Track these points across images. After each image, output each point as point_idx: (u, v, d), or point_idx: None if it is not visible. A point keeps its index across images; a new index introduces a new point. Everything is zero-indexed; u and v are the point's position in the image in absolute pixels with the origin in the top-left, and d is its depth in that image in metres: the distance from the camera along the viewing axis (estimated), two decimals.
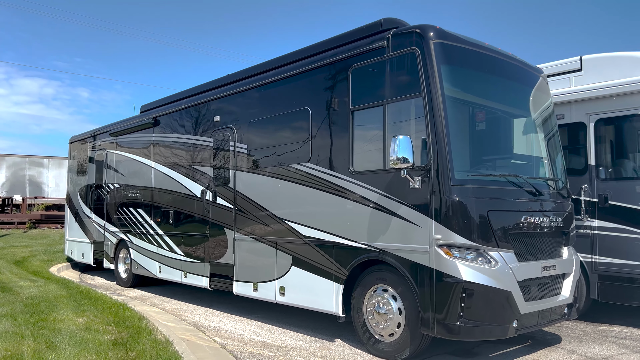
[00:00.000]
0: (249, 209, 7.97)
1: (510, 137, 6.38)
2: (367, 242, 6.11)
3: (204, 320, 8.02)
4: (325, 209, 6.70)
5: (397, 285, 5.87)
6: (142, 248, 10.82)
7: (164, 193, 10.17)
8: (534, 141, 6.49)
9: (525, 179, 6.01)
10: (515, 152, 6.51)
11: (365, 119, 6.34)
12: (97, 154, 13.02)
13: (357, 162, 6.34)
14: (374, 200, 6.05)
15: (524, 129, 6.42)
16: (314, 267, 6.83)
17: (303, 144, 7.10)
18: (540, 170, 6.38)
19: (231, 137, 8.45)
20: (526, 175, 6.09)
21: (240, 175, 8.19)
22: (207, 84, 9.50)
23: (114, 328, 6.45)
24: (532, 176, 6.26)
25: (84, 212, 13.53)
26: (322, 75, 6.88)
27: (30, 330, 6.06)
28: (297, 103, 7.23)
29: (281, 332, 7.25)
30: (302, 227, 7.02)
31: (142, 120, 11.05)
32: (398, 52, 5.90)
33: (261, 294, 7.69)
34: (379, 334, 6.04)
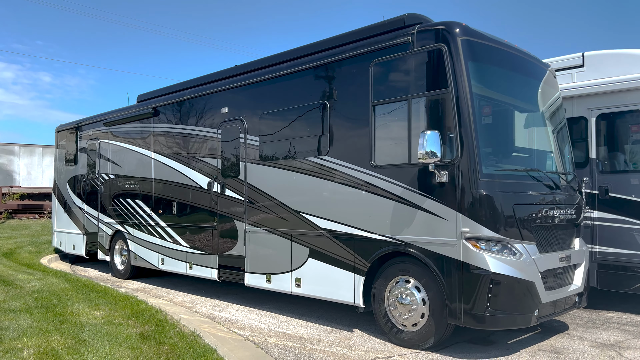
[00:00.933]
0: (261, 201, 7.99)
1: (527, 131, 6.58)
2: (390, 235, 6.24)
3: (216, 312, 8.04)
4: (344, 202, 6.79)
5: (420, 277, 6.02)
6: (142, 240, 10.72)
7: (166, 184, 10.08)
8: (548, 135, 6.70)
9: (545, 173, 6.23)
10: (532, 146, 6.72)
11: (387, 113, 6.44)
12: (89, 144, 12.76)
13: (379, 156, 6.44)
14: (398, 194, 6.17)
15: (538, 124, 6.61)
16: (332, 259, 6.93)
17: (320, 137, 7.15)
18: (554, 163, 6.61)
19: (241, 129, 8.43)
20: (543, 169, 6.31)
21: (251, 168, 8.19)
22: (213, 75, 9.42)
23: (135, 322, 6.43)
24: (547, 170, 6.48)
25: (75, 202, 13.28)
26: (341, 68, 6.93)
27: (52, 326, 5.99)
28: (314, 96, 7.26)
29: (297, 322, 7.35)
30: (320, 219, 7.10)
31: (141, 110, 10.88)
32: (424, 48, 6.00)
33: (275, 285, 7.76)
34: (401, 324, 6.19)
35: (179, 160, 9.76)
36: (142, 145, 10.81)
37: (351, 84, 6.80)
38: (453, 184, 5.66)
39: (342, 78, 6.91)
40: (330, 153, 6.99)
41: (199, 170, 9.27)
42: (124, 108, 11.75)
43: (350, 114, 6.79)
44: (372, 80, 6.52)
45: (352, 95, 6.78)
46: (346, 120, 6.85)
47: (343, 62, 6.90)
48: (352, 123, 6.77)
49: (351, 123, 6.78)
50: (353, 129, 6.75)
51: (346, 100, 6.85)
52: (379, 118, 6.48)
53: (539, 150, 6.68)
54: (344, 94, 6.87)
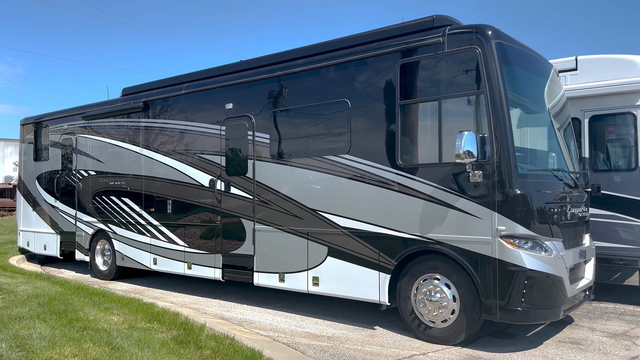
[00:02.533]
0: (273, 199, 7.89)
1: (546, 131, 6.82)
2: (420, 234, 6.33)
3: (226, 312, 7.88)
4: (368, 201, 6.82)
5: (451, 274, 6.15)
6: (130, 239, 10.31)
7: (159, 182, 9.74)
8: (560, 134, 6.98)
9: (566, 172, 6.52)
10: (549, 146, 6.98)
11: (415, 113, 6.51)
12: (63, 138, 12.11)
13: (407, 156, 6.50)
14: (428, 193, 6.27)
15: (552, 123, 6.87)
16: (354, 257, 6.94)
17: (340, 135, 7.13)
18: (567, 162, 6.90)
19: (249, 126, 8.27)
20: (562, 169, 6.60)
21: (261, 166, 8.06)
22: (213, 70, 9.16)
23: (159, 326, 6.20)
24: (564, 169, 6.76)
25: (46, 200, 12.58)
26: (365, 67, 6.93)
27: (77, 333, 5.68)
28: (333, 94, 7.23)
29: (315, 322, 7.32)
30: (340, 218, 7.10)
31: (128, 104, 10.44)
32: (456, 50, 6.10)
33: (289, 284, 7.69)
34: (430, 320, 6.31)
35: (175, 157, 9.44)
36: (130, 141, 10.38)
37: (375, 82, 6.82)
38: (488, 184, 5.81)
39: (366, 77, 6.92)
40: (352, 152, 6.99)
41: (198, 168, 9.02)
42: (107, 102, 11.23)
43: (374, 113, 6.82)
44: (399, 80, 6.57)
45: (376, 94, 6.81)
46: (369, 119, 6.87)
47: (367, 61, 6.91)
48: (376, 122, 6.79)
49: (375, 122, 6.81)
50: (377, 128, 6.78)
51: (369, 99, 6.87)
52: (406, 118, 6.54)
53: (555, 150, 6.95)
54: (367, 93, 6.89)
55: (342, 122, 7.12)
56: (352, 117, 7.01)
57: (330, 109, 7.26)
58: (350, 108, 7.02)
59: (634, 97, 8.34)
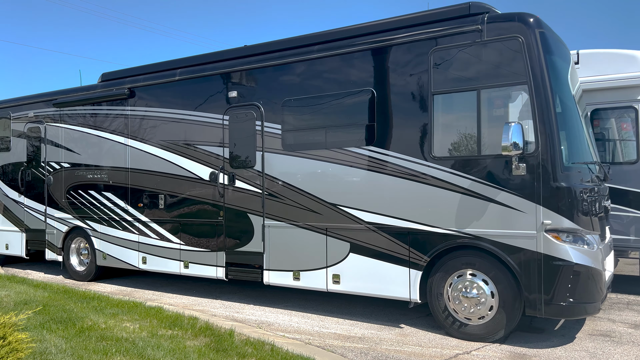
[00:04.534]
0: (285, 193, 7.46)
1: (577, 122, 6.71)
2: (457, 229, 6.11)
3: (237, 314, 7.39)
4: (396, 195, 6.54)
5: (489, 270, 5.98)
6: (113, 237, 9.55)
7: (148, 175, 9.05)
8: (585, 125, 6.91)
9: (600, 165, 6.50)
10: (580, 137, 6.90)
11: (450, 103, 6.28)
12: (29, 127, 11.07)
13: (441, 147, 6.26)
14: (465, 187, 6.06)
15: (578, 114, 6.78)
16: (380, 253, 6.66)
17: (365, 126, 6.80)
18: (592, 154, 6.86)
19: (256, 115, 7.77)
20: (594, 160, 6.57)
21: (272, 158, 7.60)
22: (212, 55, 8.56)
23: (183, 332, 5.67)
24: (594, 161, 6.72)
25: (8, 195, 11.49)
26: (393, 54, 6.62)
27: (97, 344, 5.07)
28: (357, 82, 6.88)
29: (336, 321, 6.98)
30: (364, 212, 6.78)
31: (111, 90, 9.63)
32: (496, 38, 5.90)
33: (305, 283, 7.30)
34: (465, 317, 6.12)
35: (167, 148, 8.79)
36: (113, 130, 9.59)
37: (405, 71, 6.53)
38: (532, 176, 5.67)
39: (394, 64, 6.61)
40: (378, 143, 6.68)
41: (196, 160, 8.42)
42: (82, 87, 10.33)
43: (403, 102, 6.53)
44: (432, 69, 6.31)
45: (405, 84, 6.52)
46: (398, 110, 6.57)
47: (396, 48, 6.60)
48: (406, 112, 6.51)
49: (404, 112, 6.53)
50: (406, 118, 6.50)
51: (398, 88, 6.57)
52: (440, 108, 6.30)
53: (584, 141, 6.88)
54: (396, 82, 6.59)
55: (367, 112, 6.79)
56: (378, 107, 6.69)
57: (353, 98, 6.91)
58: (376, 97, 6.70)
59: (636, 92, 8.52)
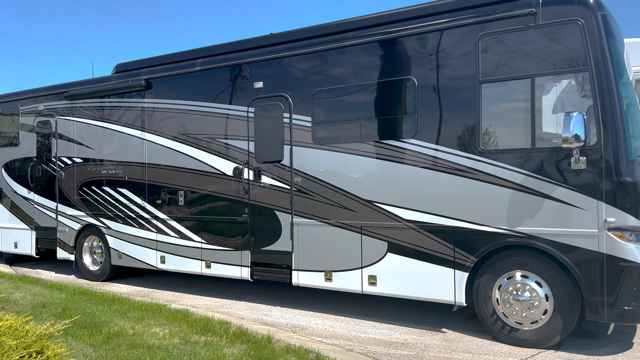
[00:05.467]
0: (316, 190, 7.05)
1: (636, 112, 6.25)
2: (508, 227, 5.70)
3: (265, 317, 6.98)
4: (440, 191, 6.13)
5: (543, 271, 5.58)
6: (129, 235, 9.14)
7: (167, 170, 8.63)
8: None
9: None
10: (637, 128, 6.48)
11: (500, 92, 5.86)
12: (39, 121, 10.65)
13: (489, 140, 5.85)
14: (517, 182, 5.65)
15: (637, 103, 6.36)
16: (422, 253, 6.25)
17: (405, 117, 6.39)
18: None
19: (284, 107, 7.35)
20: None
21: (300, 152, 7.18)
22: (235, 44, 8.13)
23: (218, 339, 5.26)
24: None
25: (17, 191, 11.07)
26: (437, 40, 6.20)
27: (129, 352, 4.66)
28: (396, 70, 6.46)
29: (372, 325, 6.58)
30: (403, 210, 6.37)
31: (125, 82, 9.20)
32: (553, 22, 5.48)
33: (338, 284, 6.90)
34: (516, 322, 5.72)
35: (187, 142, 8.37)
36: (128, 124, 9.17)
37: (450, 58, 6.11)
38: (593, 171, 5.26)
39: (438, 51, 6.19)
40: (419, 136, 6.27)
41: (219, 154, 8.00)
42: (96, 79, 9.91)
43: (448, 92, 6.11)
44: (479, 55, 5.89)
45: (450, 72, 6.10)
46: (442, 100, 6.15)
47: (440, 34, 6.17)
48: (450, 102, 6.09)
49: (449, 102, 6.11)
50: (451, 109, 6.08)
51: (442, 76, 6.15)
52: (488, 98, 5.88)
53: None
54: (440, 70, 6.17)
55: (407, 102, 6.37)
56: (420, 97, 6.28)
57: (391, 88, 6.49)
58: (418, 87, 6.28)
59: None
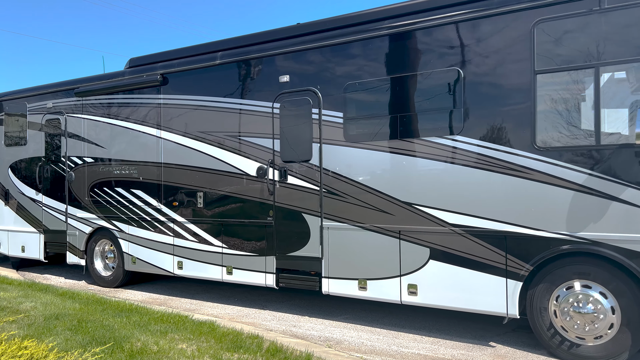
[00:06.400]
0: (348, 191, 6.53)
1: None
2: (568, 232, 5.17)
3: (295, 328, 6.47)
4: (489, 192, 5.61)
5: (608, 281, 5.05)
6: (144, 239, 8.64)
7: (185, 170, 8.13)
8: None
9: None
10: None
11: (558, 83, 5.32)
12: (47, 119, 10.16)
13: (546, 136, 5.33)
14: (579, 182, 5.12)
15: None
16: (469, 261, 5.73)
17: (448, 113, 5.87)
18: None
19: (313, 102, 6.84)
20: None
21: (331, 150, 6.67)
22: (261, 35, 7.60)
23: (252, 356, 4.74)
24: None
25: (25, 193, 10.58)
26: (486, 28, 5.67)
27: None
28: (439, 62, 5.94)
29: (412, 338, 6.06)
30: (447, 213, 5.85)
31: (139, 77, 8.70)
32: (621, 5, 4.95)
33: (373, 293, 6.38)
34: (577, 336, 5.20)
35: (207, 141, 7.86)
36: (143, 121, 8.67)
37: (501, 47, 5.58)
38: None
39: (488, 39, 5.66)
40: (465, 132, 5.74)
41: (241, 153, 7.49)
42: (107, 75, 9.40)
43: (498, 84, 5.59)
44: (535, 43, 5.36)
45: (502, 61, 5.57)
46: (491, 92, 5.63)
47: (490, 20, 5.65)
48: (501, 96, 5.57)
49: (499, 96, 5.58)
50: (502, 102, 5.56)
51: (492, 67, 5.62)
52: (545, 90, 5.35)
53: None
54: (489, 60, 5.64)
55: (451, 96, 5.85)
56: (466, 90, 5.75)
57: (435, 80, 5.97)
58: (464, 79, 5.76)
59: None
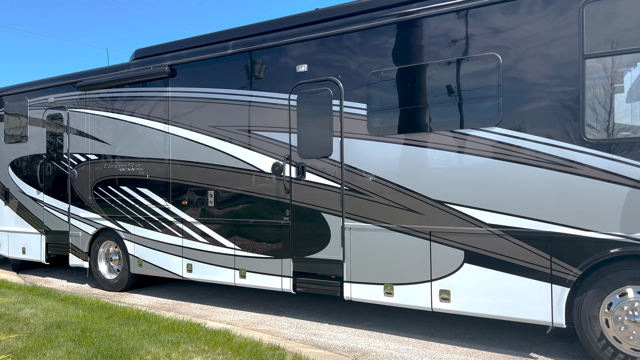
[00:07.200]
0: (373, 188, 6.04)
1: None
2: (623, 233, 4.68)
3: (315, 337, 5.98)
4: (532, 189, 5.11)
5: None
6: (151, 240, 8.16)
7: (194, 167, 7.65)
8: None
9: None
10: None
11: (610, 69, 4.82)
12: (49, 115, 9.70)
13: (597, 127, 4.83)
14: (636, 178, 4.62)
15: None
16: (509, 264, 5.23)
17: (484, 102, 5.37)
18: None
19: (333, 93, 6.35)
20: None
21: (353, 145, 6.18)
22: (276, 22, 7.11)
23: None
24: None
25: (24, 192, 10.12)
26: (528, 9, 5.17)
27: None
28: (474, 47, 5.44)
29: (445, 348, 5.56)
30: (484, 212, 5.36)
31: (147, 69, 8.22)
32: None
33: (400, 299, 5.89)
34: (633, 348, 4.70)
35: (217, 135, 7.38)
36: (150, 115, 8.19)
37: (545, 30, 5.08)
38: None
39: (530, 22, 5.17)
40: (504, 123, 5.25)
41: (255, 149, 7.01)
42: (112, 67, 8.93)
43: (541, 70, 5.09)
44: (584, 25, 4.87)
45: (545, 46, 5.07)
46: (533, 79, 5.13)
47: (527, 2, 5.16)
48: (545, 83, 5.07)
49: (542, 83, 5.08)
50: (546, 90, 5.06)
51: (535, 52, 5.13)
52: (596, 76, 4.85)
53: None
54: (531, 44, 5.15)
55: (488, 84, 5.35)
56: (505, 78, 5.26)
57: (470, 67, 5.48)
58: (502, 65, 5.26)
59: None
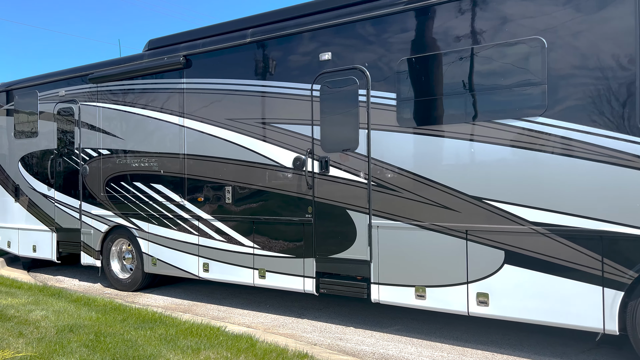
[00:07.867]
0: (402, 184, 5.66)
1: None
2: None
3: (341, 342, 5.61)
4: (581, 184, 4.70)
5: None
6: (166, 238, 7.83)
7: (211, 162, 7.30)
8: None
9: None
10: None
11: None
12: (59, 108, 9.40)
13: None
14: None
15: None
16: (555, 266, 4.83)
17: (528, 90, 4.96)
18: None
19: (359, 83, 5.97)
20: None
21: (382, 137, 5.79)
22: (296, 8, 6.74)
23: None
24: None
25: (35, 188, 9.84)
26: None
27: None
28: (517, 30, 5.03)
29: (483, 355, 5.17)
30: (527, 209, 4.95)
31: (161, 59, 7.88)
32: None
33: (434, 302, 5.50)
34: None
35: (235, 128, 7.02)
36: (164, 108, 7.85)
37: (593, 10, 4.66)
38: None
39: (579, 4, 4.75)
40: (550, 113, 4.84)
41: (275, 142, 6.65)
42: (125, 58, 8.60)
43: (592, 55, 4.67)
44: None
45: (594, 28, 4.66)
46: (582, 65, 4.71)
47: None
48: (596, 68, 4.65)
49: (592, 68, 4.67)
50: (597, 76, 4.64)
51: (582, 34, 4.71)
52: None
53: None
54: (580, 27, 4.73)
55: (532, 70, 4.94)
56: (550, 64, 4.84)
57: (511, 52, 5.07)
58: (548, 49, 4.85)
59: None
